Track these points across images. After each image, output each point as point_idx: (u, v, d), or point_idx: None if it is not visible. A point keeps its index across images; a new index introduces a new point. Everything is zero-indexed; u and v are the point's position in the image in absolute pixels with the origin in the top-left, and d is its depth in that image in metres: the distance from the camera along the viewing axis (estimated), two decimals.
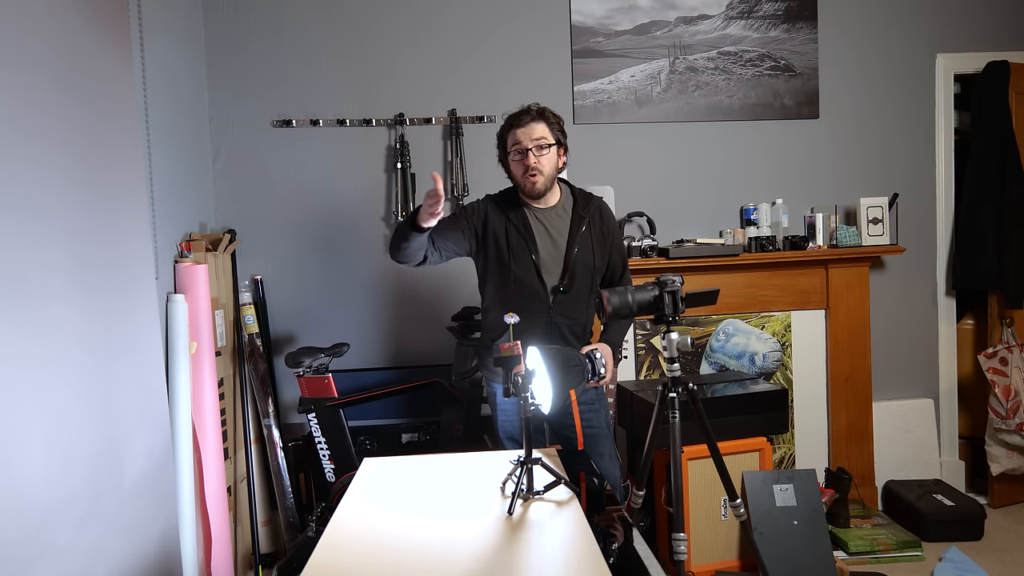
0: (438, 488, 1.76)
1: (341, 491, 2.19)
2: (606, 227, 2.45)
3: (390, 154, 3.43)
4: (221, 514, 2.67)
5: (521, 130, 2.32)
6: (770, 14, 3.57)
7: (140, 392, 2.13)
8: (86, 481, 1.78)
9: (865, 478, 3.54)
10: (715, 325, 3.50)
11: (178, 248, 2.75)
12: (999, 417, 3.47)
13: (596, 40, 3.50)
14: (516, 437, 2.45)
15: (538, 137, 2.31)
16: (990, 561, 3.02)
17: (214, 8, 3.32)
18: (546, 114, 2.35)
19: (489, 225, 2.38)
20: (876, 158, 3.67)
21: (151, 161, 2.50)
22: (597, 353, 2.02)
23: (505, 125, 2.38)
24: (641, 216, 3.50)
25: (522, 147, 2.31)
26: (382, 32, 3.41)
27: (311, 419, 3.02)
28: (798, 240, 3.43)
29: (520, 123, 2.32)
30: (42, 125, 1.71)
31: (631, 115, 3.53)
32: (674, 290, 2.01)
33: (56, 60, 1.79)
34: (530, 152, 2.30)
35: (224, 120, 3.36)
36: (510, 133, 2.35)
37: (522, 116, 2.34)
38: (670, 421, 2.08)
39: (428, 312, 3.46)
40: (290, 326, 3.42)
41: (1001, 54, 3.60)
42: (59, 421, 1.68)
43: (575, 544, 1.41)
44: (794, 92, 3.59)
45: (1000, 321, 3.62)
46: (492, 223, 2.38)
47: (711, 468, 2.39)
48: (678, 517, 2.04)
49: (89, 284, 1.87)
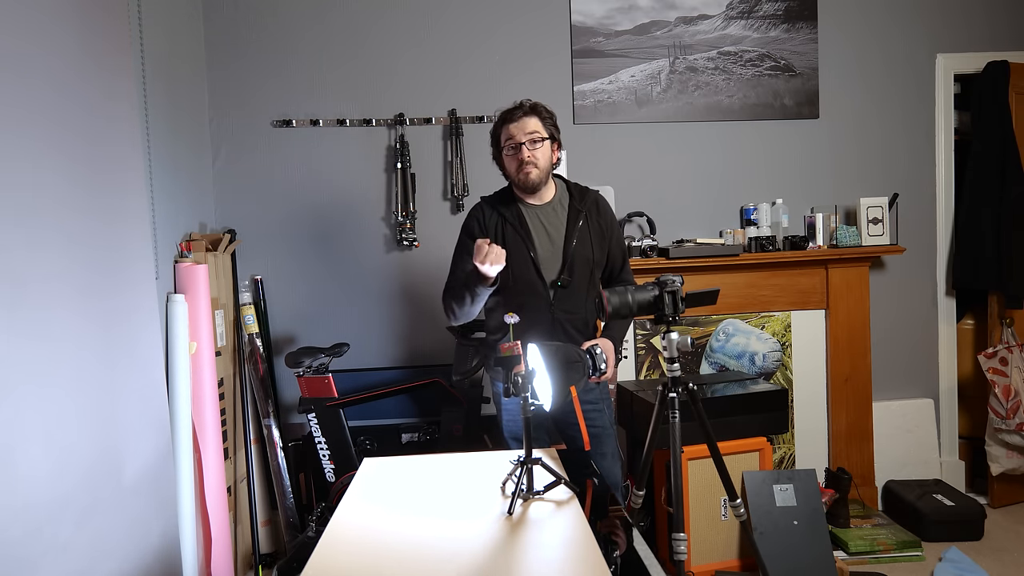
0: (438, 488, 1.76)
1: (341, 491, 2.19)
2: (604, 220, 2.44)
3: (390, 154, 3.43)
4: (221, 514, 2.67)
5: (514, 125, 2.32)
6: (770, 14, 3.57)
7: (140, 392, 2.13)
8: (86, 480, 1.78)
9: (865, 478, 3.54)
10: (715, 325, 3.50)
11: (178, 248, 2.75)
12: (999, 417, 3.47)
13: (596, 40, 3.50)
14: (521, 437, 2.45)
15: (531, 131, 2.31)
16: (990, 561, 3.02)
17: (214, 8, 3.32)
18: (538, 109, 2.35)
19: (488, 225, 2.38)
20: (876, 158, 3.67)
21: (151, 161, 2.50)
22: (597, 348, 2.02)
23: (498, 122, 2.38)
24: (641, 216, 3.50)
25: (515, 141, 2.31)
26: (382, 32, 3.41)
27: (311, 419, 3.02)
28: (798, 240, 3.43)
29: (512, 118, 2.33)
30: (42, 125, 1.71)
31: (631, 115, 3.53)
32: (674, 290, 2.01)
33: (56, 60, 1.79)
34: (523, 146, 2.30)
35: (224, 120, 3.36)
36: (503, 129, 2.35)
37: (514, 111, 2.34)
38: (670, 421, 2.08)
39: (428, 312, 3.46)
40: (290, 326, 3.42)
41: (1001, 54, 3.60)
42: (59, 421, 1.68)
43: (575, 544, 1.41)
44: (794, 92, 3.59)
45: (1000, 321, 3.62)
46: (489, 223, 2.38)
47: (711, 468, 2.39)
48: (678, 517, 2.04)
49: (89, 284, 1.87)
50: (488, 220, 2.39)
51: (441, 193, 3.46)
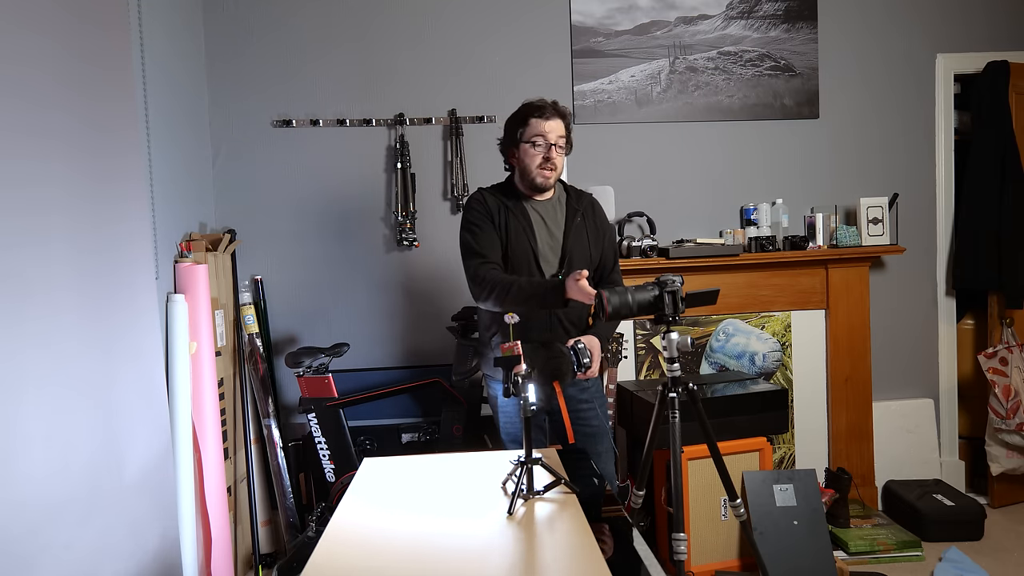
0: (438, 488, 1.76)
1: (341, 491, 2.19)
2: (599, 221, 2.48)
3: (390, 154, 3.43)
4: (221, 514, 2.67)
5: (547, 123, 2.29)
6: (770, 14, 3.57)
7: (140, 392, 2.13)
8: (86, 480, 1.78)
9: (865, 478, 3.54)
10: (715, 325, 3.50)
11: (178, 248, 2.75)
12: (999, 417, 3.47)
13: (596, 40, 3.50)
14: (519, 439, 2.45)
15: (561, 134, 2.32)
16: (990, 561, 3.02)
17: (214, 8, 3.32)
18: (565, 114, 2.35)
19: (492, 210, 2.38)
20: (876, 158, 3.67)
21: (151, 161, 2.50)
22: (580, 344, 2.02)
23: (523, 113, 2.34)
24: (641, 216, 3.50)
25: (547, 140, 2.30)
26: (382, 32, 3.41)
27: (311, 419, 3.02)
28: (798, 240, 3.43)
29: (544, 115, 2.30)
30: (42, 126, 1.71)
31: (631, 115, 3.53)
32: (674, 290, 2.01)
33: (56, 60, 1.79)
34: (554, 147, 2.30)
35: (224, 120, 3.36)
36: (531, 122, 2.31)
37: (544, 109, 2.31)
38: (670, 421, 2.08)
39: (428, 312, 3.46)
40: (290, 326, 3.42)
41: (1001, 54, 3.60)
42: (59, 420, 1.68)
43: (575, 544, 1.41)
44: (794, 92, 3.59)
45: (1000, 321, 3.62)
46: (492, 208, 2.38)
47: (711, 468, 2.39)
48: (678, 517, 2.04)
49: (89, 284, 1.87)
50: (491, 205, 2.37)
51: (441, 193, 3.46)
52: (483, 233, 2.34)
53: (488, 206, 2.37)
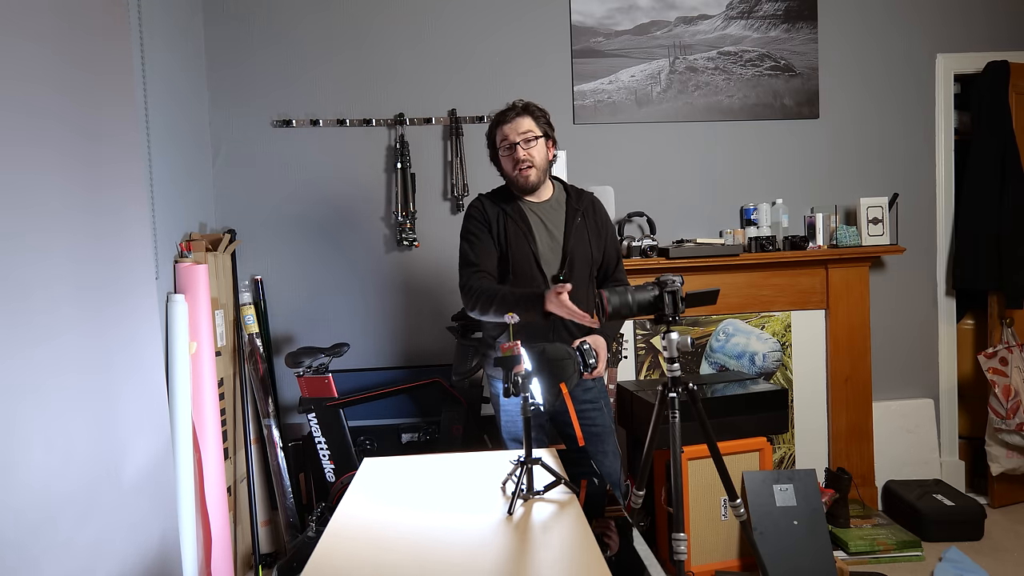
0: (438, 488, 1.76)
1: (341, 491, 2.19)
2: (600, 220, 2.49)
3: (390, 154, 3.43)
4: (221, 514, 2.67)
5: (508, 126, 2.35)
6: (770, 14, 3.57)
7: (140, 392, 2.13)
8: (86, 480, 1.78)
9: (865, 478, 3.54)
10: (715, 325, 3.50)
11: (178, 248, 2.75)
12: (999, 417, 3.47)
13: (596, 40, 3.50)
14: (520, 438, 2.45)
15: (525, 131, 2.34)
16: (990, 561, 3.02)
17: (215, 8, 3.32)
18: (530, 108, 2.38)
19: (490, 217, 2.40)
20: (876, 158, 3.67)
21: (151, 161, 2.50)
22: (586, 345, 2.02)
23: (492, 124, 2.42)
24: (641, 216, 3.50)
25: (510, 141, 2.35)
26: (382, 32, 3.41)
27: (311, 419, 3.02)
28: (798, 240, 3.43)
29: (506, 119, 2.36)
30: (43, 127, 1.71)
31: (631, 115, 3.53)
32: (674, 290, 2.01)
33: (56, 61, 1.79)
34: (518, 146, 2.33)
35: (224, 120, 3.36)
36: (498, 130, 2.39)
37: (507, 113, 2.38)
38: (670, 421, 2.08)
39: (428, 312, 3.46)
40: (290, 326, 3.42)
41: (1001, 54, 3.60)
42: (59, 420, 1.68)
43: (575, 544, 1.41)
44: (794, 92, 3.59)
45: (1000, 321, 3.62)
46: (491, 215, 2.40)
47: (711, 468, 2.39)
48: (678, 517, 2.04)
49: (89, 284, 1.87)
50: (490, 212, 2.41)
51: (441, 193, 3.46)
52: (479, 243, 2.38)
53: (486, 213, 2.41)
